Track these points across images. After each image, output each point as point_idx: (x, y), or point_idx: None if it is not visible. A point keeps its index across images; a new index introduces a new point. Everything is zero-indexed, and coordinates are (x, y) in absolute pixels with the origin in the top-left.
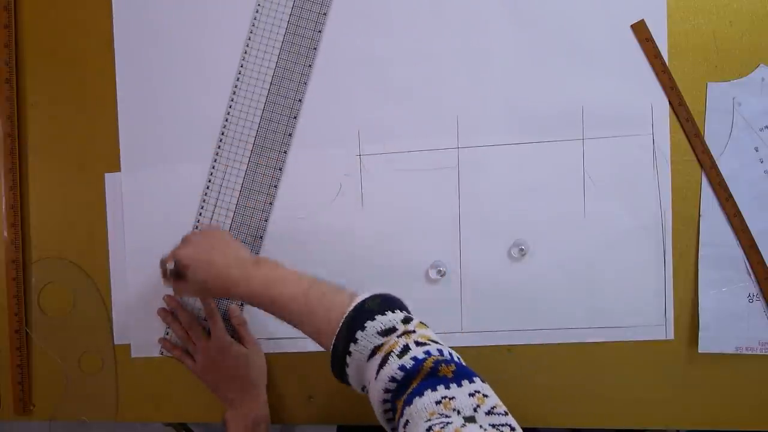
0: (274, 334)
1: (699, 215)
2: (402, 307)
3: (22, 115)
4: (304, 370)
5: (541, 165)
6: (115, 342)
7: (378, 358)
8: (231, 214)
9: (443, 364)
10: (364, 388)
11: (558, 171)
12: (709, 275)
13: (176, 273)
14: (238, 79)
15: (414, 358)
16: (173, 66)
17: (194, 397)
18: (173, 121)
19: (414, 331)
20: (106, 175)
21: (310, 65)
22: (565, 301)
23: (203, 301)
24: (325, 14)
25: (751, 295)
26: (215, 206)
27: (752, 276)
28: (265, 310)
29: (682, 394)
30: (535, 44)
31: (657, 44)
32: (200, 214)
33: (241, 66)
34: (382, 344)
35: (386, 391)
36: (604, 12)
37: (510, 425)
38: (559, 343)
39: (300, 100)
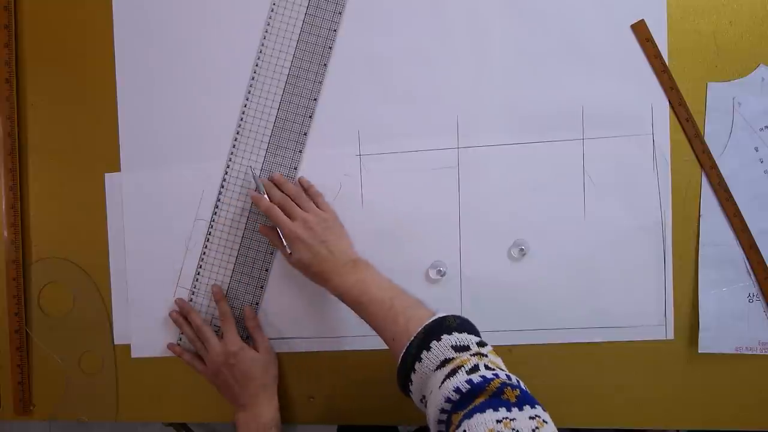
0: (274, 335)
1: (699, 215)
2: (477, 333)
3: (22, 115)
4: (305, 371)
5: (541, 165)
6: (115, 342)
7: (446, 369)
8: (246, 214)
9: (509, 388)
10: (423, 399)
11: (558, 171)
12: (709, 275)
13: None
14: (253, 78)
15: (483, 377)
16: (173, 66)
17: (194, 397)
18: (173, 121)
19: (486, 356)
20: (106, 175)
21: (325, 64)
22: (565, 301)
23: (218, 303)
24: (340, 13)
25: (751, 295)
26: (229, 205)
27: (752, 276)
28: (351, 307)
29: (682, 394)
30: (535, 44)
31: (657, 44)
32: (215, 213)
33: (256, 65)
34: (453, 358)
35: (448, 400)
36: (604, 12)
37: None
38: (559, 343)
39: (315, 99)
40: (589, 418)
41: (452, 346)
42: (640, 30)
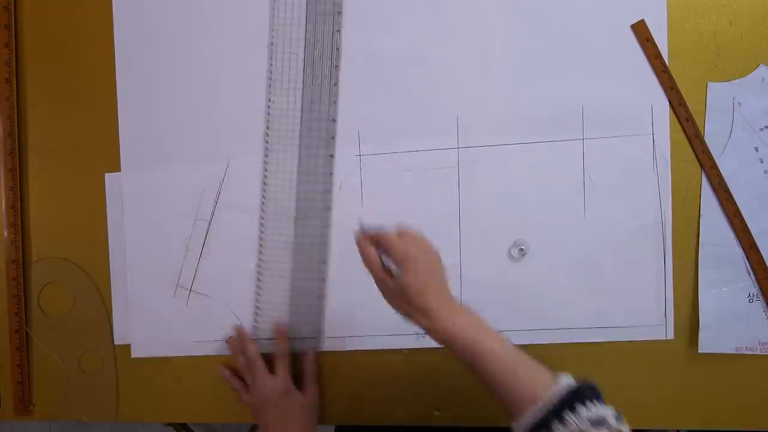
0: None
1: (699, 215)
2: (602, 399)
3: (22, 115)
4: None
5: (541, 165)
6: (115, 342)
7: None
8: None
9: None
10: None
11: (558, 171)
12: (709, 275)
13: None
14: (270, 78)
15: None
16: (173, 66)
17: (194, 397)
18: (173, 121)
19: None
20: (106, 175)
21: (336, 66)
22: (565, 301)
23: (279, 341)
24: (340, 14)
25: (751, 295)
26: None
27: (752, 276)
28: (459, 355)
29: (682, 394)
30: (535, 44)
31: (657, 44)
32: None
33: (270, 65)
34: None
35: None
36: (604, 12)
37: None
38: (559, 343)
39: (335, 102)
40: None
41: (590, 420)
42: (640, 30)
